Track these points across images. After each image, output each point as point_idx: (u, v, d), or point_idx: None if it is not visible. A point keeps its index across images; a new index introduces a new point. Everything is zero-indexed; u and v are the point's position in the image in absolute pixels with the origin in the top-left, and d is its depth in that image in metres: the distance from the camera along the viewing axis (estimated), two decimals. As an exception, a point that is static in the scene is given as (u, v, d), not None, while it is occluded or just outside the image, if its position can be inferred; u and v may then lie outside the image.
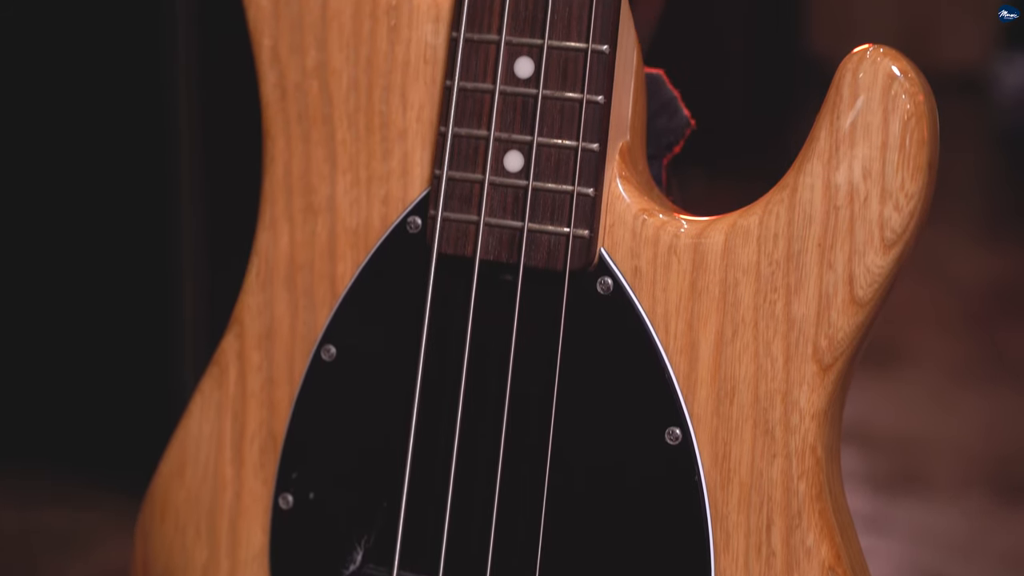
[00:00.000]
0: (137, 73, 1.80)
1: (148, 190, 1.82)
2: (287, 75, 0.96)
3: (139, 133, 1.81)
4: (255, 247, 0.98)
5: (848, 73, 0.85)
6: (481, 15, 0.90)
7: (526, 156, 0.89)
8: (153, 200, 1.81)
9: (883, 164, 0.84)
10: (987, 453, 2.31)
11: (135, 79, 1.81)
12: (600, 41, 0.87)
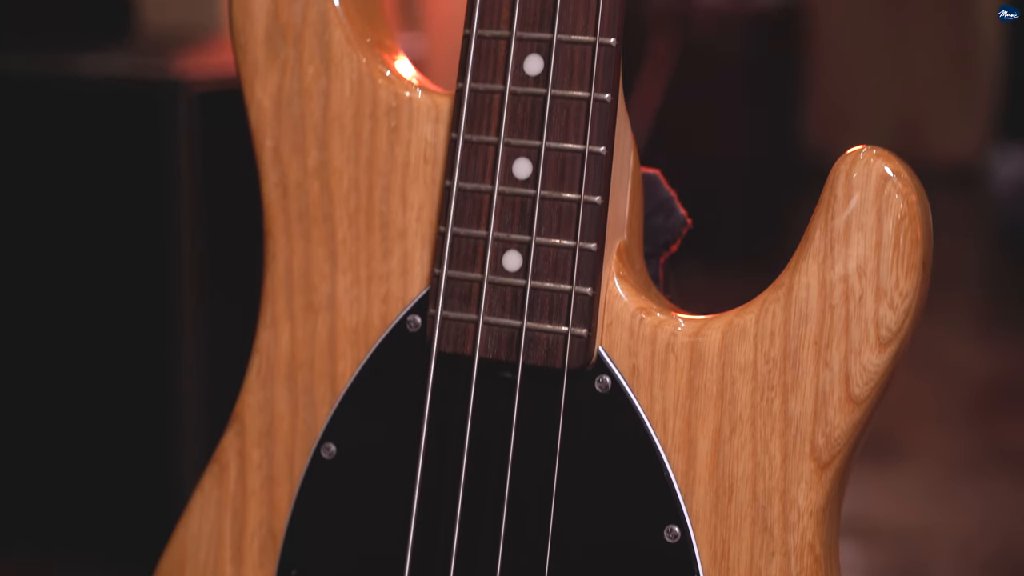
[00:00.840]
0: (139, 170, 1.82)
1: (150, 285, 1.82)
2: (288, 175, 0.97)
3: (141, 227, 1.82)
4: (256, 345, 0.98)
5: (842, 174, 0.86)
6: (480, 117, 0.91)
7: (525, 255, 0.90)
8: (156, 296, 1.82)
9: (878, 263, 0.85)
10: (987, 547, 2.30)
11: (137, 174, 1.82)
12: (597, 143, 0.89)
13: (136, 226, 1.83)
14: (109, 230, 1.84)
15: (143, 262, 1.83)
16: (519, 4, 0.90)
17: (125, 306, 1.85)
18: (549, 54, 0.89)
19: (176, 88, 1.77)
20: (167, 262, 1.79)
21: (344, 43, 0.95)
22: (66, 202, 1.85)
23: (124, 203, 1.83)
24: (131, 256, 1.83)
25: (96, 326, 1.87)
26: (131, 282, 1.84)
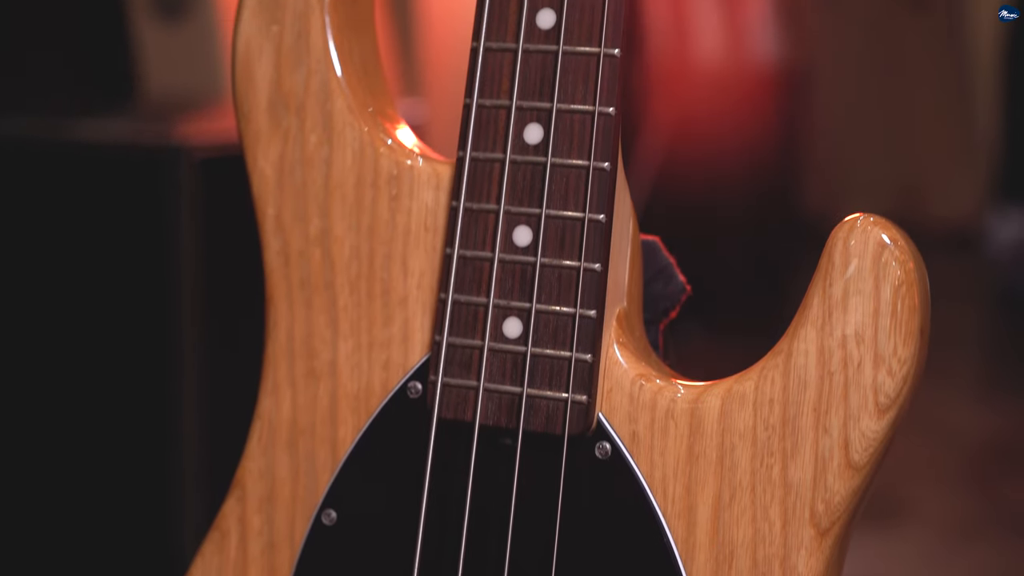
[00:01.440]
0: (141, 236, 1.83)
1: (151, 351, 1.83)
2: (290, 243, 0.98)
3: (143, 293, 1.83)
4: (257, 411, 0.99)
5: (839, 241, 0.87)
6: (480, 185, 0.92)
7: (525, 323, 0.91)
8: (157, 364, 1.82)
9: (875, 330, 0.86)
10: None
11: (139, 240, 1.83)
12: (597, 211, 0.89)
13: (137, 292, 1.83)
14: (110, 296, 1.85)
15: (144, 329, 1.83)
16: (519, 74, 0.91)
17: (125, 376, 1.85)
18: (549, 123, 0.90)
19: (178, 154, 1.78)
20: (168, 328, 1.79)
21: (346, 112, 0.96)
22: (67, 268, 1.86)
23: (126, 269, 1.84)
24: (132, 323, 1.84)
25: (96, 396, 1.87)
26: (132, 350, 1.85)
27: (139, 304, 1.83)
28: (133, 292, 1.84)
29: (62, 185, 1.86)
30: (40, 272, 1.88)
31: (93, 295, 1.86)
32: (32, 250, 1.88)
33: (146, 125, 1.99)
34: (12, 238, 1.88)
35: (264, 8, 0.97)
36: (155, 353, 1.81)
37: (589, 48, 0.89)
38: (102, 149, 1.85)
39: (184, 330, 1.79)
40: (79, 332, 1.85)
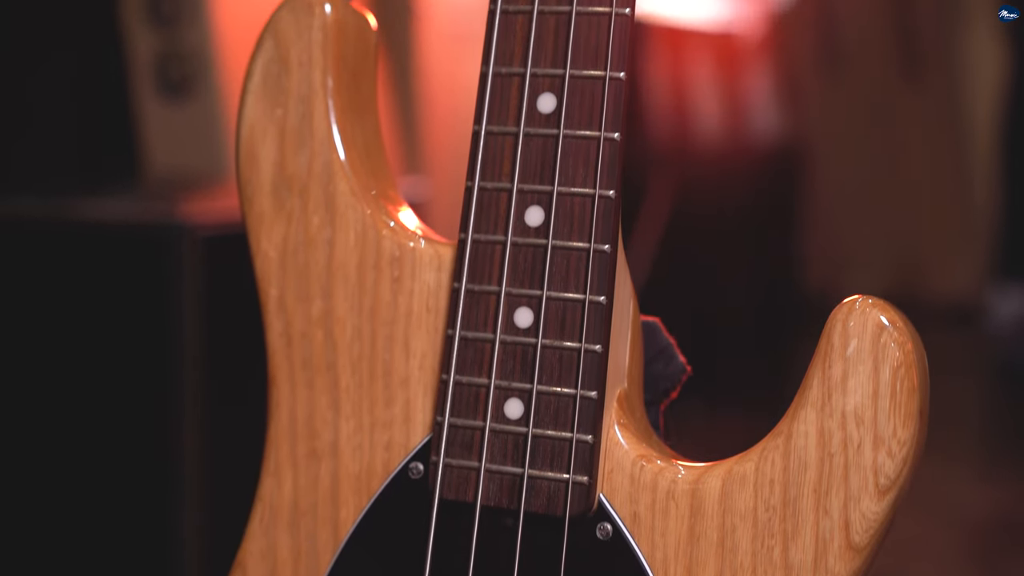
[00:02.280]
0: (144, 314, 1.83)
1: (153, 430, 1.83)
2: (293, 323, 0.98)
3: (145, 371, 1.83)
4: (259, 492, 0.99)
5: (839, 322, 0.87)
6: (482, 266, 0.92)
7: (526, 404, 0.91)
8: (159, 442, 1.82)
9: (875, 411, 0.86)
10: None
11: (142, 317, 1.84)
12: (597, 292, 0.90)
13: (140, 370, 1.84)
14: (113, 374, 1.85)
15: (147, 407, 1.83)
16: (520, 157, 0.92)
17: (126, 455, 1.85)
18: (550, 206, 0.91)
19: (181, 232, 1.79)
20: (170, 407, 1.80)
21: (349, 194, 0.97)
22: (71, 346, 1.87)
23: (129, 347, 1.84)
24: (134, 401, 1.84)
25: (98, 476, 1.87)
26: (134, 430, 1.85)
27: (141, 382, 1.84)
28: (136, 370, 1.84)
29: (67, 263, 1.87)
30: (44, 350, 1.88)
31: (96, 373, 1.86)
32: (37, 329, 1.89)
33: (150, 204, 2.00)
34: (19, 316, 1.89)
35: (268, 92, 0.99)
36: (157, 434, 1.82)
37: (589, 132, 0.91)
38: (106, 227, 1.86)
39: (186, 409, 1.79)
40: (82, 411, 1.85)
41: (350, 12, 0.99)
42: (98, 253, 1.85)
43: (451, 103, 2.78)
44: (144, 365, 1.83)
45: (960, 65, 4.75)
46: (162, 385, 1.81)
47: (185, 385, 1.79)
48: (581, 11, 0.91)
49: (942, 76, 4.79)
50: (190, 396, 1.79)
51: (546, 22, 0.92)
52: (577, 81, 0.91)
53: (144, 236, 1.84)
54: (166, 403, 1.80)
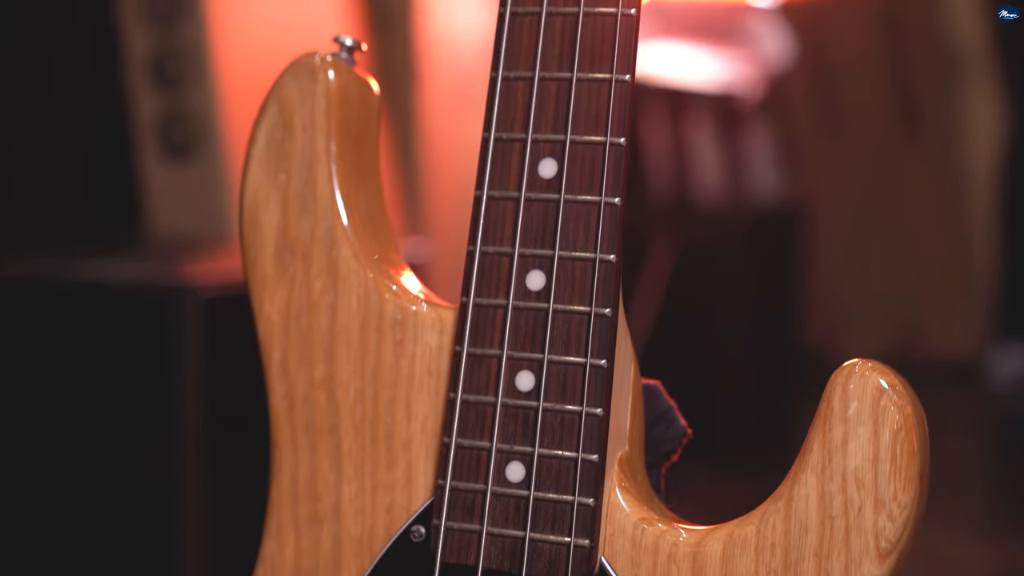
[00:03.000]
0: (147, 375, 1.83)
1: (155, 492, 1.83)
2: (296, 387, 0.99)
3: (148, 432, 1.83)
4: (260, 556, 0.99)
5: (838, 386, 0.88)
6: (483, 330, 0.93)
7: (527, 467, 0.92)
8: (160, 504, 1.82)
9: (875, 475, 0.87)
10: None
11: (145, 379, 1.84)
12: (598, 356, 0.91)
13: (142, 431, 1.84)
14: (115, 435, 1.85)
15: (148, 468, 1.83)
16: (521, 221, 0.93)
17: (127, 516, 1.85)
18: (551, 270, 0.92)
19: (184, 294, 1.79)
20: (172, 467, 1.80)
21: (351, 259, 0.98)
22: (73, 407, 1.87)
23: (131, 408, 1.84)
24: (136, 460, 1.84)
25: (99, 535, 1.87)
26: (135, 490, 1.85)
27: (143, 444, 1.84)
28: (137, 432, 1.84)
29: (70, 324, 1.87)
30: (46, 410, 1.89)
31: (99, 434, 1.86)
32: (39, 389, 1.89)
33: (153, 265, 2.01)
34: (21, 376, 1.89)
35: (272, 157, 1.00)
36: (158, 496, 1.81)
37: (590, 197, 0.91)
38: (109, 288, 1.86)
39: (187, 471, 1.79)
40: (84, 473, 1.85)
41: (353, 78, 1.00)
42: (101, 314, 1.86)
43: (453, 164, 2.80)
44: (146, 427, 1.83)
45: (958, 126, 4.77)
46: (164, 447, 1.81)
47: (187, 447, 1.79)
48: (582, 78, 0.92)
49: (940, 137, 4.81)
50: (192, 458, 1.79)
51: (547, 88, 0.93)
52: (578, 147, 0.92)
53: (147, 297, 1.84)
54: (168, 465, 1.80)
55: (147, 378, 1.84)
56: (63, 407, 1.88)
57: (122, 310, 1.85)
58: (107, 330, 1.85)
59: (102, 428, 1.86)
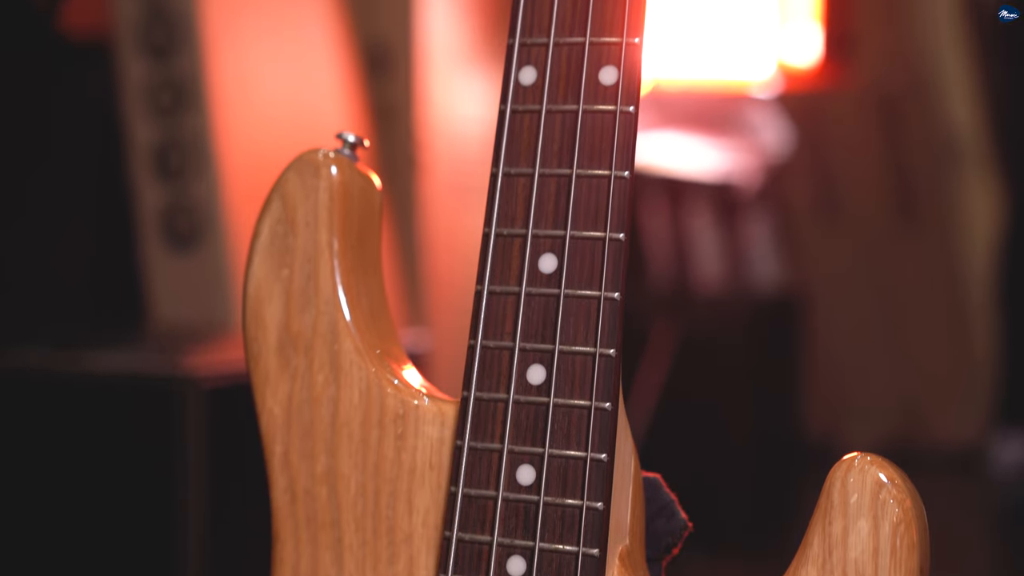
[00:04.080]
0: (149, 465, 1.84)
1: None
2: (297, 480, 0.99)
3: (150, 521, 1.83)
4: (262, 650, 0.99)
5: (838, 480, 0.88)
6: (484, 424, 0.94)
7: (528, 561, 0.92)
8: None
9: (876, 568, 0.87)
10: None
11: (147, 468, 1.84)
12: (599, 450, 0.91)
13: (144, 522, 1.84)
14: (117, 526, 1.85)
15: (150, 557, 1.83)
16: (522, 316, 0.94)
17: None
18: (551, 364, 0.93)
19: (186, 384, 1.80)
20: (174, 558, 1.79)
21: (353, 353, 0.99)
22: (75, 496, 1.87)
23: (133, 498, 1.84)
24: (138, 551, 1.84)
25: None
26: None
27: (145, 535, 1.84)
28: (139, 522, 1.84)
29: (72, 414, 1.88)
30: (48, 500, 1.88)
31: (100, 524, 1.86)
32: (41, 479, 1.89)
33: (155, 355, 2.02)
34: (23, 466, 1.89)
35: (275, 252, 1.01)
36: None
37: (590, 292, 0.92)
38: (111, 379, 1.87)
39: (189, 563, 1.79)
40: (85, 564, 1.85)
41: (356, 173, 1.02)
42: (104, 404, 1.86)
43: (453, 254, 2.81)
44: (148, 516, 1.83)
45: (956, 214, 4.80)
46: (165, 538, 1.81)
47: (189, 538, 1.79)
48: (581, 174, 0.93)
49: (938, 224, 4.83)
50: (194, 548, 1.79)
51: (547, 184, 0.94)
52: (577, 242, 0.93)
53: (149, 387, 1.85)
54: (170, 554, 1.80)
55: (149, 468, 1.84)
56: (66, 496, 1.88)
57: (124, 400, 1.85)
58: (110, 420, 1.86)
59: (105, 516, 1.86)
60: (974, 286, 4.93)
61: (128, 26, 2.31)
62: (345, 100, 2.62)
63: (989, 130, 4.67)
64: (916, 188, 4.81)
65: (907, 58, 4.58)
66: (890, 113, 4.68)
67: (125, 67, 2.32)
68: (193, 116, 2.31)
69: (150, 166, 2.31)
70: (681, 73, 3.79)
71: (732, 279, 4.15)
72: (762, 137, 4.26)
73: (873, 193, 4.82)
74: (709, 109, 4.13)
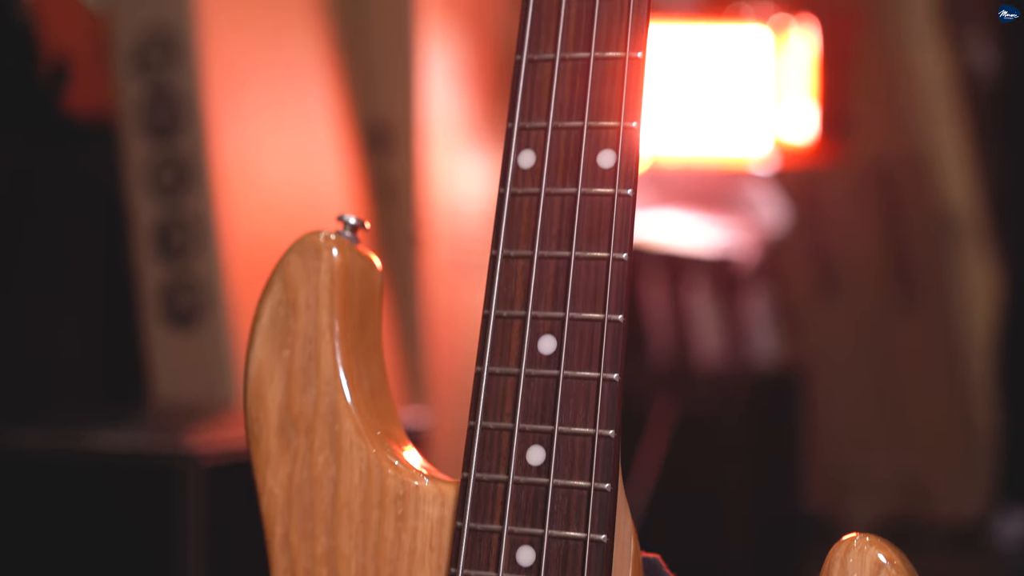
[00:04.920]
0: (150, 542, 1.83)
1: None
2: (298, 561, 0.99)
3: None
4: None
5: (837, 561, 0.89)
6: (484, 505, 0.94)
7: (528, 643, 0.92)
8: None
9: (875, 650, 0.87)
10: None
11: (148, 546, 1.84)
12: (598, 531, 0.91)
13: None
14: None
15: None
16: (521, 397, 0.94)
17: None
18: (551, 445, 0.93)
19: (186, 463, 1.80)
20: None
21: (354, 433, 0.99)
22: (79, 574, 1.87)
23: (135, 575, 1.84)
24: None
25: None
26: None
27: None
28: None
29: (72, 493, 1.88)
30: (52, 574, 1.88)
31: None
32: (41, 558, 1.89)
33: (155, 434, 2.02)
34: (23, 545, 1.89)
35: (276, 333, 1.01)
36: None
37: (589, 373, 0.93)
38: (111, 457, 1.87)
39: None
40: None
41: (356, 255, 1.02)
42: (104, 483, 1.87)
43: (453, 332, 2.82)
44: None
45: (954, 290, 4.81)
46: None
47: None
48: (580, 256, 0.94)
49: (937, 301, 4.84)
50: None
51: (546, 266, 0.95)
52: (576, 324, 0.94)
53: (149, 466, 1.85)
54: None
55: (150, 546, 1.84)
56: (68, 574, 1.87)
57: (125, 479, 1.86)
58: (111, 499, 1.86)
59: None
60: (974, 361, 4.93)
61: (132, 107, 2.33)
62: (346, 178, 2.64)
63: (986, 206, 4.69)
64: (914, 264, 4.82)
65: (904, 135, 4.61)
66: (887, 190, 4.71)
67: (128, 146, 2.34)
68: (195, 195, 2.32)
69: (152, 244, 2.33)
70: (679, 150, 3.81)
71: (732, 355, 4.15)
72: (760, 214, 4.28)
73: (871, 269, 4.83)
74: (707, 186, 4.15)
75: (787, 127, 4.00)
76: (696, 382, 3.98)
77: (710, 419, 3.87)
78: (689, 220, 3.97)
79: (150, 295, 2.32)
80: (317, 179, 2.59)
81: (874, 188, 4.71)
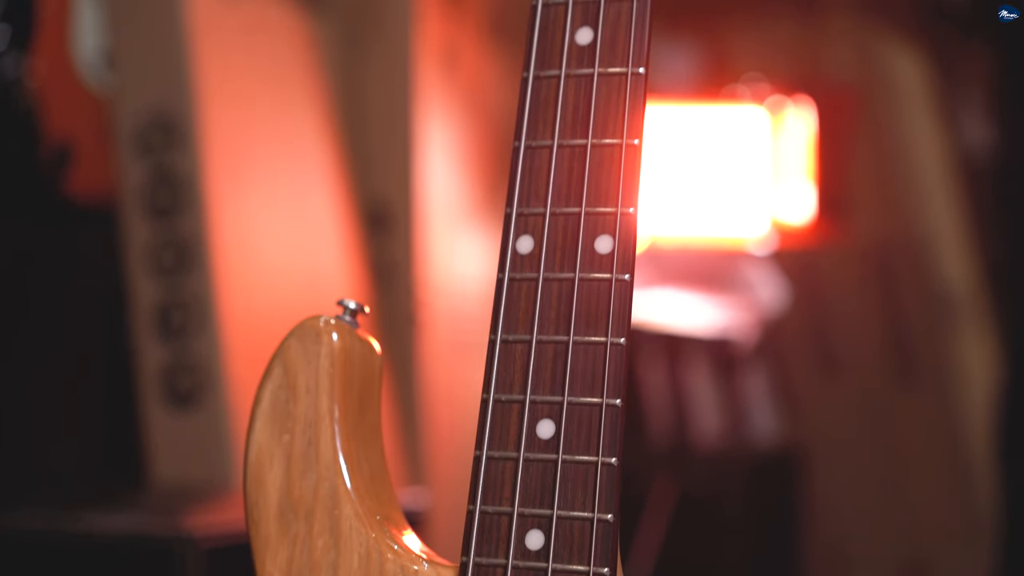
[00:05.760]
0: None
1: None
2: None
3: None
4: None
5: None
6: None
7: None
8: None
9: None
10: None
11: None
12: None
13: None
14: None
15: None
16: (520, 481, 0.95)
17: None
18: (549, 529, 0.93)
19: (185, 545, 1.80)
20: None
21: (353, 518, 0.99)
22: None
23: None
24: None
25: None
26: None
27: None
28: None
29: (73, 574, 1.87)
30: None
31: None
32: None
33: (154, 515, 2.02)
34: None
35: (276, 418, 1.02)
36: None
37: (587, 457, 0.94)
38: (110, 539, 1.87)
39: None
40: None
41: (356, 340, 1.03)
42: (101, 565, 1.86)
43: (452, 412, 2.82)
44: None
45: (952, 367, 4.81)
46: None
47: None
48: (578, 341, 0.95)
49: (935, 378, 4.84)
50: None
51: (544, 351, 0.96)
52: (575, 408, 0.94)
53: (148, 547, 1.85)
54: None
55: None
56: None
57: (124, 561, 1.85)
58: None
59: None
60: (974, 438, 4.93)
61: (134, 188, 2.34)
62: (346, 258, 2.65)
63: (984, 284, 4.71)
64: (913, 342, 4.83)
65: (900, 214, 4.64)
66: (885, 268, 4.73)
67: (130, 228, 2.35)
68: (195, 275, 2.33)
69: (152, 325, 2.34)
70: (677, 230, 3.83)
71: (731, 434, 4.15)
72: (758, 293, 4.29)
73: (870, 348, 4.84)
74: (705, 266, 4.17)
75: (784, 207, 4.03)
76: (695, 461, 3.97)
77: (710, 499, 3.86)
78: (687, 300, 3.99)
79: (150, 376, 2.33)
80: (317, 259, 2.60)
81: (872, 267, 4.73)
